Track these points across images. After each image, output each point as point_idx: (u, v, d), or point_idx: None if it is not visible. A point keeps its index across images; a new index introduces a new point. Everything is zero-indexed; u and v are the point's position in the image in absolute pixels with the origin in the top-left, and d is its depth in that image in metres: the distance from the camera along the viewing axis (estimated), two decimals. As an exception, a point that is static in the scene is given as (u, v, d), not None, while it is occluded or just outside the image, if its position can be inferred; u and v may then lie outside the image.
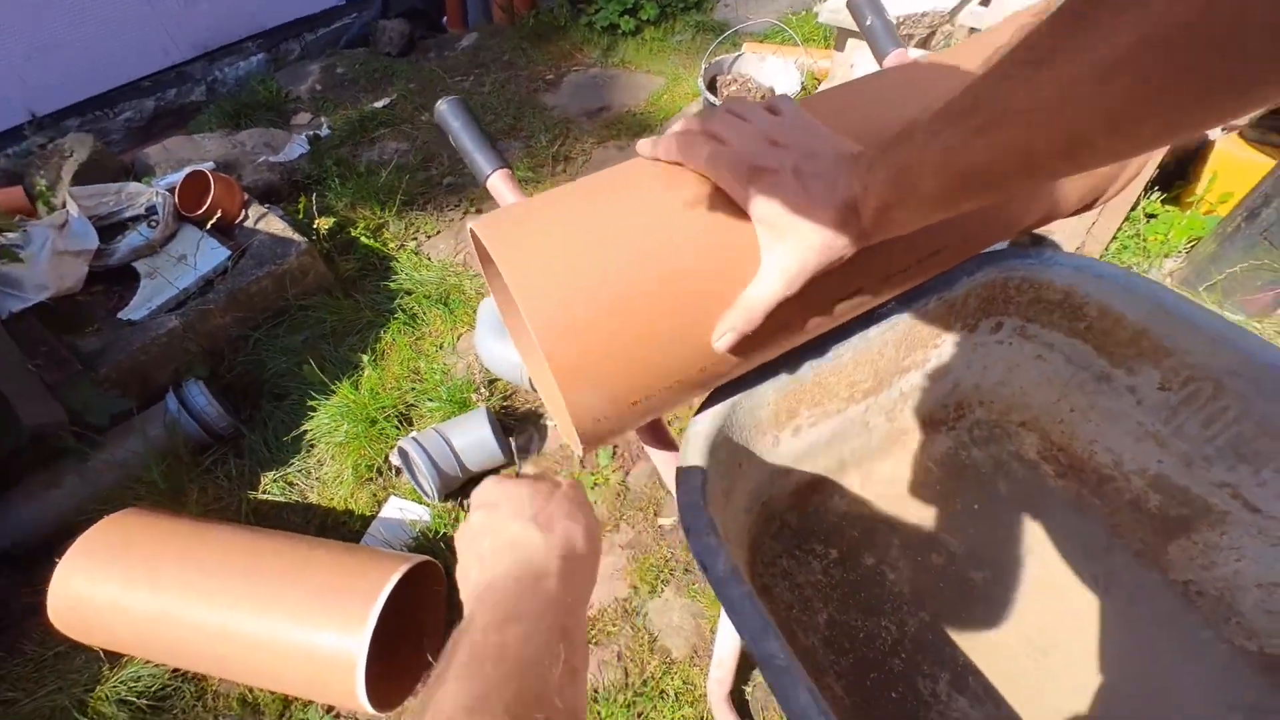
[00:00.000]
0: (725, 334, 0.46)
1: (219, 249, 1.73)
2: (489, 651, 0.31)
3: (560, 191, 0.48)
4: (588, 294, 0.43)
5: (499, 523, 0.41)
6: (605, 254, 0.44)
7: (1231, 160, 1.57)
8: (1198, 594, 0.68)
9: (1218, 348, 0.61)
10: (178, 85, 3.17)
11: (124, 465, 1.39)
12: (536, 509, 0.41)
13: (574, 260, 0.43)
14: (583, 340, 0.42)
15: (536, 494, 0.43)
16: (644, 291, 0.44)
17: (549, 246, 0.43)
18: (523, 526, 0.40)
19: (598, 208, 0.46)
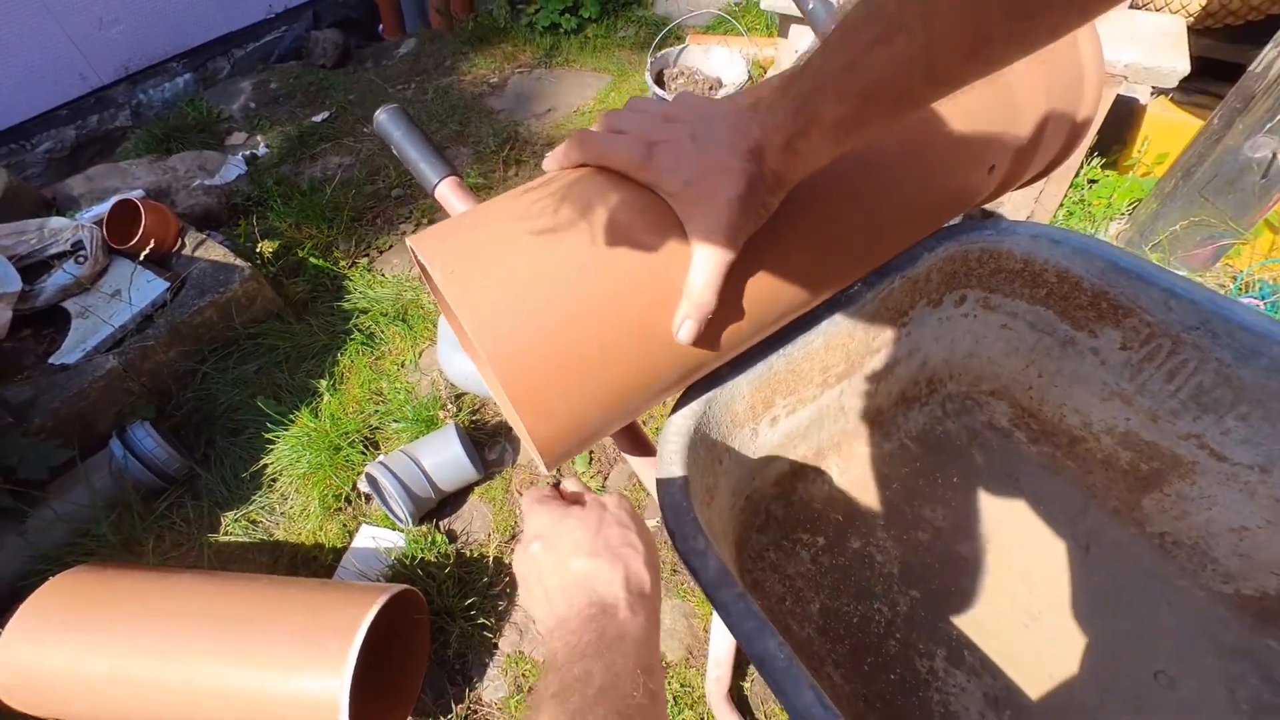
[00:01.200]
0: (683, 323, 0.44)
1: (156, 281, 1.63)
2: (575, 683, 0.32)
3: (499, 204, 0.46)
4: (535, 311, 0.41)
5: (560, 561, 0.41)
6: (547, 268, 0.41)
7: (1163, 122, 1.64)
8: (1174, 544, 0.69)
9: (1173, 303, 0.62)
10: (99, 111, 3.00)
11: (69, 520, 1.30)
12: (591, 542, 0.42)
13: (518, 280, 0.41)
14: (536, 358, 0.40)
15: (587, 524, 0.43)
16: (591, 298, 0.42)
17: (491, 266, 0.41)
18: (586, 565, 0.40)
19: (531, 224, 0.43)
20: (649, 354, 0.45)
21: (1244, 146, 1.27)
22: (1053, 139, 0.67)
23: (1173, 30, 1.46)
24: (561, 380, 0.42)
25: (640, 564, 0.41)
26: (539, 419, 0.42)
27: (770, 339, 0.62)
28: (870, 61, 0.33)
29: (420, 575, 1.20)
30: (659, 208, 0.43)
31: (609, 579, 0.40)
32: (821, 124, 0.37)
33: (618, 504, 0.46)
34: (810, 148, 0.39)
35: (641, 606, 0.39)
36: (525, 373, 0.40)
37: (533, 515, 0.46)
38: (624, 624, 0.37)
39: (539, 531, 0.44)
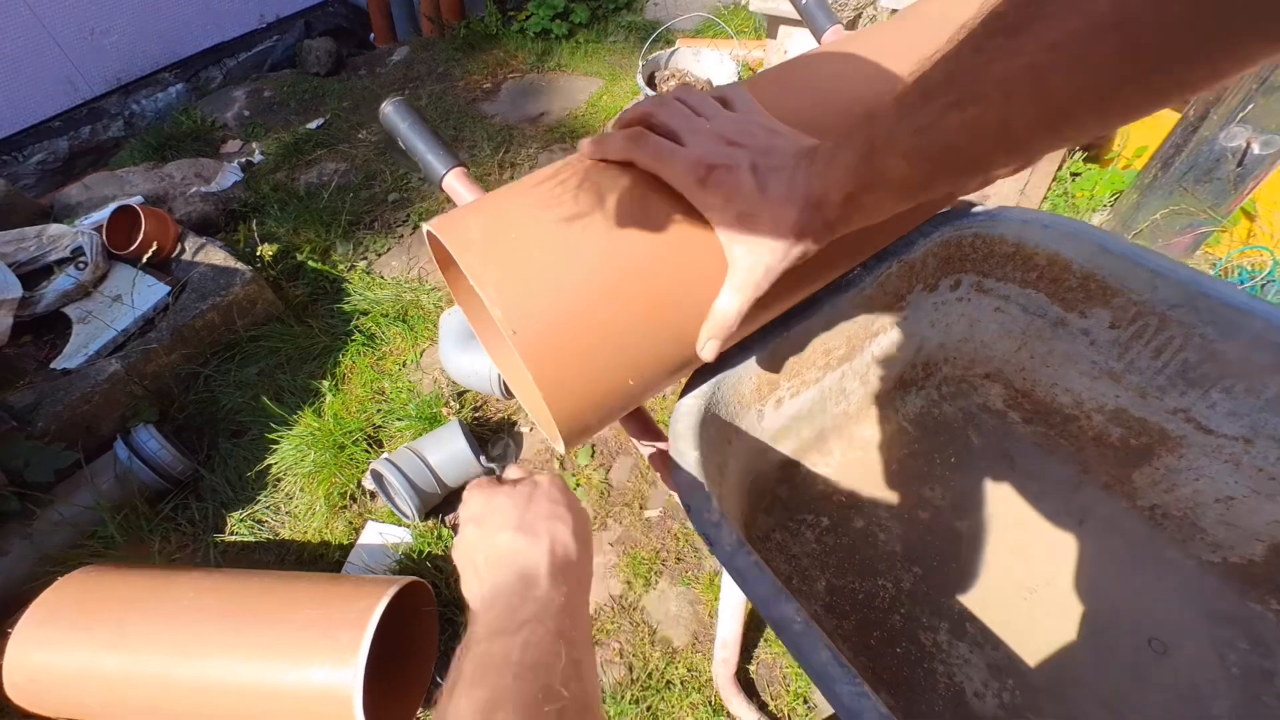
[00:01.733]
0: (707, 344, 0.46)
1: (157, 285, 1.64)
2: (493, 661, 0.32)
3: (513, 190, 0.47)
4: (558, 294, 0.42)
5: (488, 537, 0.42)
6: (571, 254, 0.43)
7: (1142, 116, 1.68)
8: (1164, 516, 0.72)
9: (1158, 281, 0.65)
10: (92, 122, 3.01)
11: (75, 522, 1.30)
12: (519, 517, 0.42)
13: (540, 260, 0.42)
14: (557, 340, 0.42)
15: (516, 500, 0.43)
16: (613, 291, 0.43)
17: (512, 246, 0.42)
18: (510, 538, 0.40)
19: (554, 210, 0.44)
20: (660, 334, 0.47)
21: (1219, 136, 1.32)
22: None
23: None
24: (581, 362, 0.43)
25: (567, 534, 0.42)
26: (560, 398, 0.43)
27: (775, 322, 0.64)
28: (943, 126, 0.32)
29: (428, 569, 1.21)
30: (688, 209, 0.44)
31: (534, 551, 0.39)
32: (888, 183, 0.36)
33: (550, 481, 0.47)
34: (872, 203, 0.38)
35: (565, 576, 0.39)
36: (547, 353, 0.41)
37: (468, 501, 0.46)
38: (544, 596, 0.37)
39: (472, 514, 0.45)
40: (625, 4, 3.18)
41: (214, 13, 3.25)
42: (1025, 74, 0.28)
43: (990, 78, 0.29)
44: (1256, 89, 1.24)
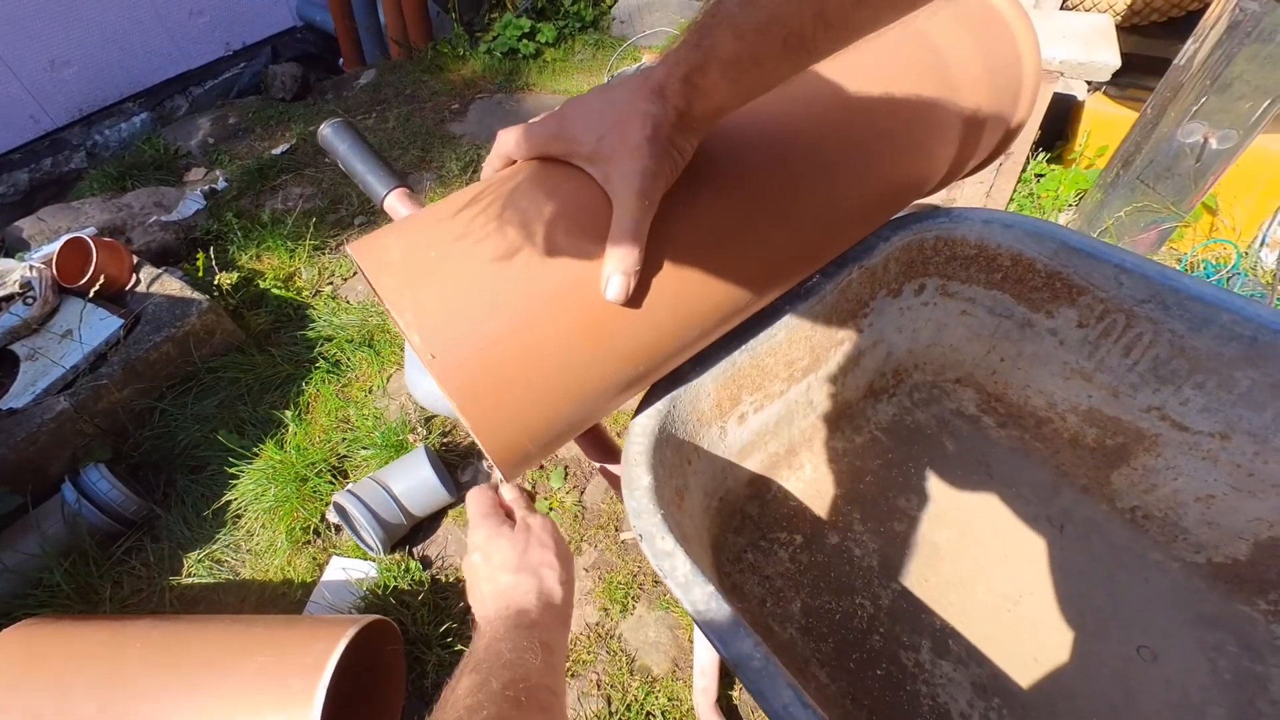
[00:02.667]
0: (610, 279, 0.41)
1: (109, 318, 1.58)
2: (488, 659, 0.40)
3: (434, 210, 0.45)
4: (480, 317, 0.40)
5: (492, 573, 0.49)
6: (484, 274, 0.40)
7: (1101, 117, 1.71)
8: (1145, 518, 0.70)
9: (1123, 278, 0.63)
10: (53, 154, 2.95)
11: (19, 570, 1.23)
12: (517, 560, 0.49)
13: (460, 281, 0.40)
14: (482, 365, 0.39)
15: (515, 544, 0.50)
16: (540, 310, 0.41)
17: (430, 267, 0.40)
18: (510, 580, 0.48)
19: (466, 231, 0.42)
20: (597, 353, 0.44)
21: (1176, 133, 1.33)
22: (993, 128, 0.68)
23: (1102, 27, 1.53)
24: (509, 386, 0.41)
25: (554, 581, 0.49)
26: (489, 425, 0.41)
27: (731, 334, 0.61)
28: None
29: (394, 604, 1.15)
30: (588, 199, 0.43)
31: (525, 590, 0.47)
32: (719, 59, 0.37)
33: (542, 526, 0.53)
34: (709, 83, 0.39)
35: (549, 614, 0.47)
36: (471, 381, 0.39)
37: (475, 529, 0.53)
38: (532, 619, 0.45)
39: (479, 545, 0.52)
40: (591, 22, 3.20)
41: (178, 41, 3.22)
42: None
43: None
44: (1210, 85, 1.26)
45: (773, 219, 0.51)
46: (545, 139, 0.45)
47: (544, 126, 0.45)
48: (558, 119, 0.44)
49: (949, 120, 0.62)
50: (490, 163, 0.49)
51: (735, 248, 0.49)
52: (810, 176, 0.52)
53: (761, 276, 0.53)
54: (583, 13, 3.18)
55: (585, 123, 0.43)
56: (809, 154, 0.52)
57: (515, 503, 0.56)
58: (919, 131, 0.61)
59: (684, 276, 0.46)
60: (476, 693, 0.37)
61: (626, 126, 0.40)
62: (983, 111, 0.65)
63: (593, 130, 0.42)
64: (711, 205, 0.46)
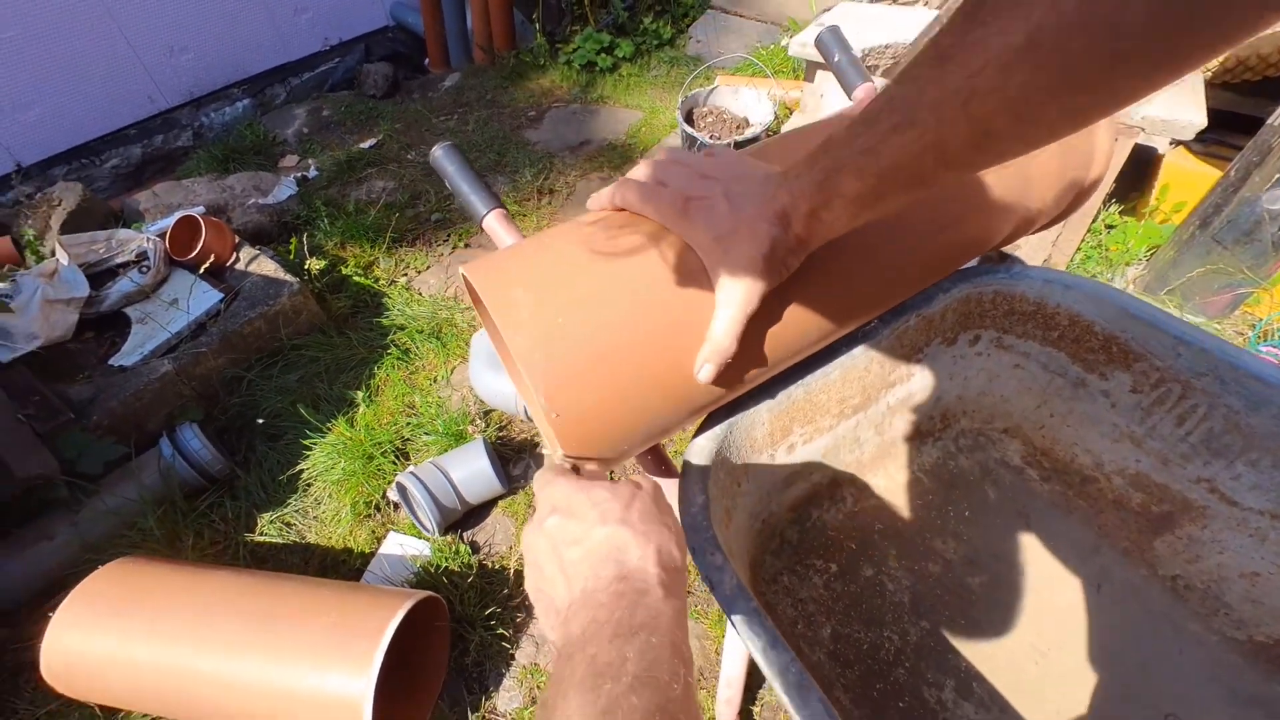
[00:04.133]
0: (703, 366, 0.48)
1: (211, 292, 1.74)
2: (608, 669, 0.29)
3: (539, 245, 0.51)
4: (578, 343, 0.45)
5: (583, 530, 0.37)
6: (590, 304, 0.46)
7: (1181, 172, 1.66)
8: (1186, 588, 0.70)
9: (1182, 349, 0.64)
10: (164, 132, 3.21)
11: (118, 513, 1.37)
12: (622, 512, 0.37)
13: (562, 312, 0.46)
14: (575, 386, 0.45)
15: (617, 497, 0.39)
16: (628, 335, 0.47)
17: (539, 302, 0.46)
18: (613, 532, 0.36)
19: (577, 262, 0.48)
20: (674, 387, 0.50)
21: (1262, 198, 1.29)
22: (1063, 193, 0.70)
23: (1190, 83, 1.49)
24: (596, 408, 0.46)
25: (672, 542, 0.37)
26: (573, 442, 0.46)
27: (790, 370, 0.65)
28: (887, 148, 0.36)
29: (444, 583, 1.24)
30: (691, 258, 0.48)
31: (641, 552, 0.35)
32: (843, 198, 0.41)
33: (653, 487, 0.43)
34: (832, 217, 0.43)
35: (676, 587, 0.35)
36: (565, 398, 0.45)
37: (550, 487, 0.41)
38: (658, 603, 0.33)
39: (557, 503, 0.40)
40: (668, 40, 3.27)
41: (282, 35, 3.45)
42: (953, 98, 0.32)
43: (924, 103, 0.33)
44: (1302, 152, 1.22)
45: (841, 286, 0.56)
46: (668, 215, 0.48)
47: (669, 202, 0.48)
48: (683, 202, 0.47)
49: (1019, 181, 0.65)
50: (602, 200, 0.53)
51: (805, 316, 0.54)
52: (878, 242, 0.57)
53: (826, 335, 0.59)
54: (661, 31, 3.26)
55: (709, 218, 0.46)
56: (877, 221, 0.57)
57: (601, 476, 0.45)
58: (988, 192, 0.64)
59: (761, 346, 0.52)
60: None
61: (748, 239, 0.44)
62: (1053, 173, 0.68)
63: (713, 228, 0.45)
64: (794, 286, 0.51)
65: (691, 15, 3.42)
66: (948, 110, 0.32)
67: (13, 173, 2.75)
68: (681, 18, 3.43)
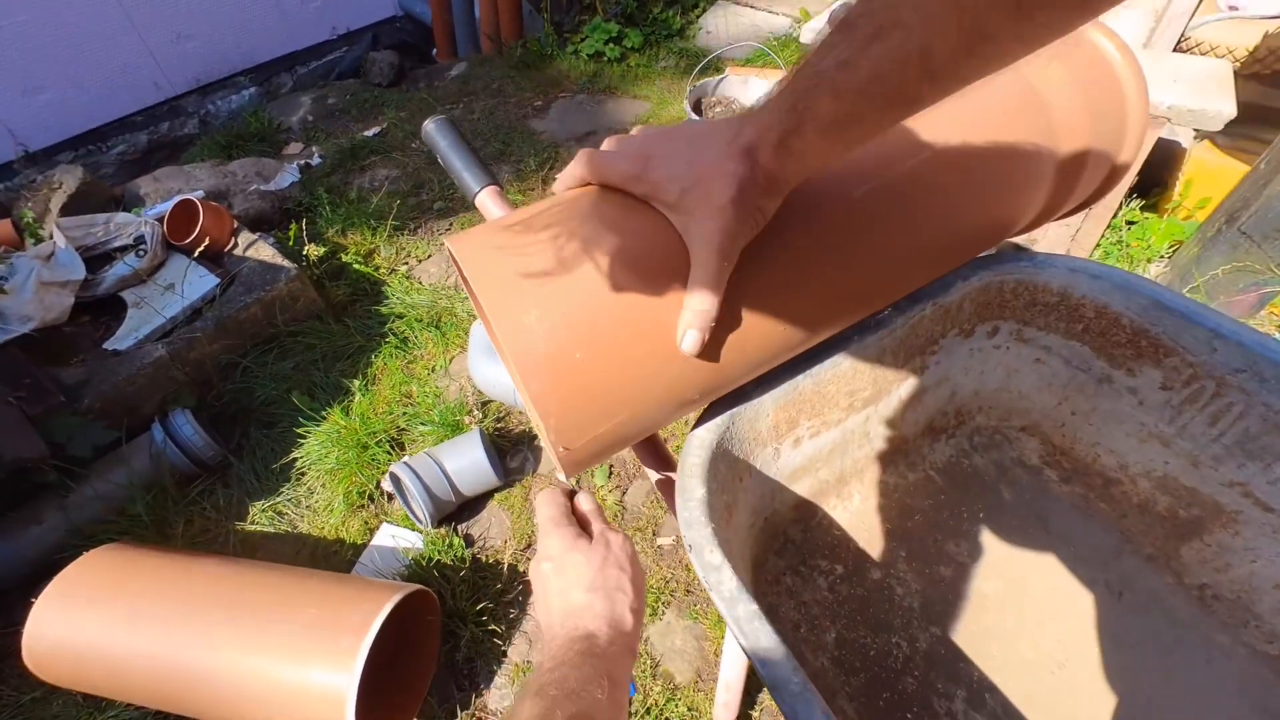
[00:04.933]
0: (685, 333, 0.43)
1: (207, 277, 1.71)
2: (552, 684, 0.39)
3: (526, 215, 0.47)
4: (561, 323, 0.42)
5: (564, 588, 0.47)
6: (573, 283, 0.43)
7: (1205, 167, 1.61)
8: (1214, 598, 0.66)
9: (1218, 344, 0.60)
10: (170, 119, 3.19)
11: (107, 498, 1.35)
12: (591, 579, 0.47)
13: (544, 290, 0.42)
14: (560, 367, 0.42)
15: (592, 561, 0.48)
16: (613, 314, 0.43)
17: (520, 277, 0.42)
18: (583, 599, 0.46)
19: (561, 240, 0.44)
20: (666, 372, 0.46)
21: (1295, 194, 1.24)
22: (1091, 175, 0.66)
23: (1219, 73, 1.43)
24: (584, 393, 0.43)
25: (625, 608, 0.47)
26: (562, 427, 0.43)
27: (797, 359, 0.62)
28: (866, 58, 0.32)
29: (435, 577, 1.21)
30: (666, 244, 0.44)
31: (598, 614, 0.45)
32: (816, 120, 0.36)
33: (621, 545, 0.51)
34: (804, 145, 0.38)
35: (618, 641, 0.45)
36: (551, 384, 0.42)
37: (548, 537, 0.51)
38: (600, 647, 0.43)
39: (551, 554, 0.50)
40: (677, 31, 3.23)
41: (290, 23, 3.42)
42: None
43: (909, 2, 0.30)
44: (1336, 145, 1.17)
45: (843, 262, 0.51)
46: (627, 177, 0.44)
47: (628, 163, 0.44)
48: (642, 160, 0.44)
49: (1042, 163, 0.61)
50: (568, 178, 0.49)
51: (803, 291, 0.50)
52: (885, 218, 0.53)
53: (829, 316, 0.54)
54: (671, 21, 3.22)
55: (670, 171, 0.42)
56: (885, 196, 0.52)
57: (592, 514, 0.54)
58: (1009, 174, 0.59)
59: (752, 319, 0.47)
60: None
61: (712, 184, 0.40)
62: (1081, 157, 0.63)
63: (677, 181, 0.42)
64: (782, 251, 0.47)
65: (701, 6, 3.37)
66: (935, 8, 0.29)
67: (19, 158, 2.74)
68: (691, 8, 3.38)
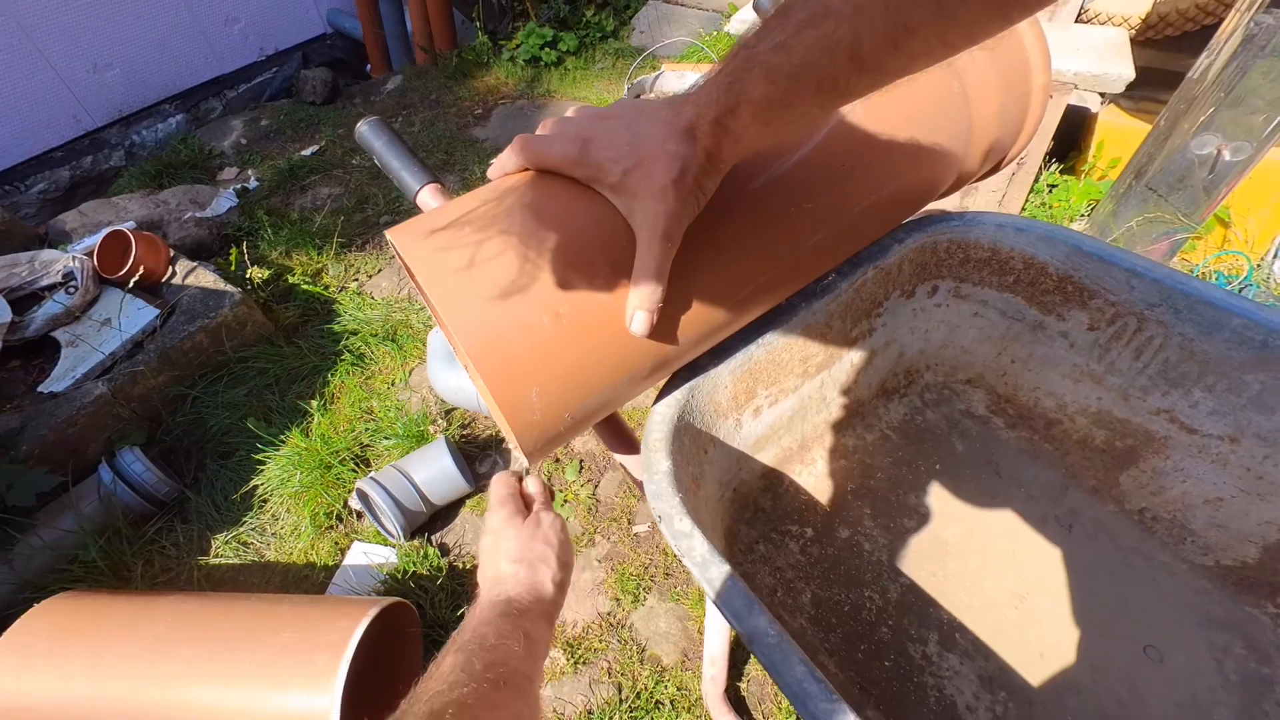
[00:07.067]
0: (634, 315, 0.44)
1: (146, 308, 1.64)
2: (472, 641, 0.42)
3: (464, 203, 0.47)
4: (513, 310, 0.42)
5: (495, 559, 0.52)
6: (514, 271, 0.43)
7: (1114, 128, 1.72)
8: (1153, 519, 0.71)
9: (1135, 282, 0.64)
10: (93, 152, 3.05)
11: (56, 547, 1.28)
12: (518, 552, 0.52)
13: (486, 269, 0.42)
14: (510, 346, 0.42)
15: (521, 537, 0.53)
16: (563, 297, 0.43)
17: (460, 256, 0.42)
18: (507, 568, 0.51)
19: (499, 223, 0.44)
20: (617, 349, 0.47)
21: (1190, 145, 1.33)
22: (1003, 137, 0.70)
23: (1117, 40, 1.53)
24: (539, 374, 0.43)
25: (547, 578, 0.51)
26: (517, 409, 0.44)
27: (747, 329, 0.63)
28: (799, 43, 0.33)
29: (413, 589, 1.19)
30: (611, 225, 0.44)
31: (520, 581, 0.50)
32: (751, 102, 0.37)
33: (550, 524, 0.55)
34: (740, 126, 0.39)
35: (536, 606, 0.49)
36: (502, 365, 0.42)
37: (492, 514, 0.56)
38: (518, 609, 0.47)
39: (492, 529, 0.55)
40: (612, 32, 3.25)
41: (215, 47, 3.31)
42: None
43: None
44: (1224, 98, 1.26)
45: (781, 232, 0.53)
46: (568, 161, 0.44)
47: (566, 146, 0.44)
48: (581, 143, 0.43)
49: (959, 127, 0.64)
50: (503, 164, 0.48)
51: (745, 263, 0.51)
52: (819, 185, 0.55)
53: (773, 283, 0.56)
54: (604, 23, 3.24)
55: (611, 153, 0.42)
56: (818, 163, 0.54)
57: (536, 495, 0.58)
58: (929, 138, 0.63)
59: (699, 295, 0.49)
60: (459, 671, 0.38)
61: (653, 165, 0.40)
62: (993, 117, 0.67)
63: (618, 163, 0.42)
64: (722, 225, 0.48)
65: (633, 7, 3.40)
66: (867, 1, 0.30)
67: (-73, 202, 2.58)
68: (624, 9, 3.41)
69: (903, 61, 0.33)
